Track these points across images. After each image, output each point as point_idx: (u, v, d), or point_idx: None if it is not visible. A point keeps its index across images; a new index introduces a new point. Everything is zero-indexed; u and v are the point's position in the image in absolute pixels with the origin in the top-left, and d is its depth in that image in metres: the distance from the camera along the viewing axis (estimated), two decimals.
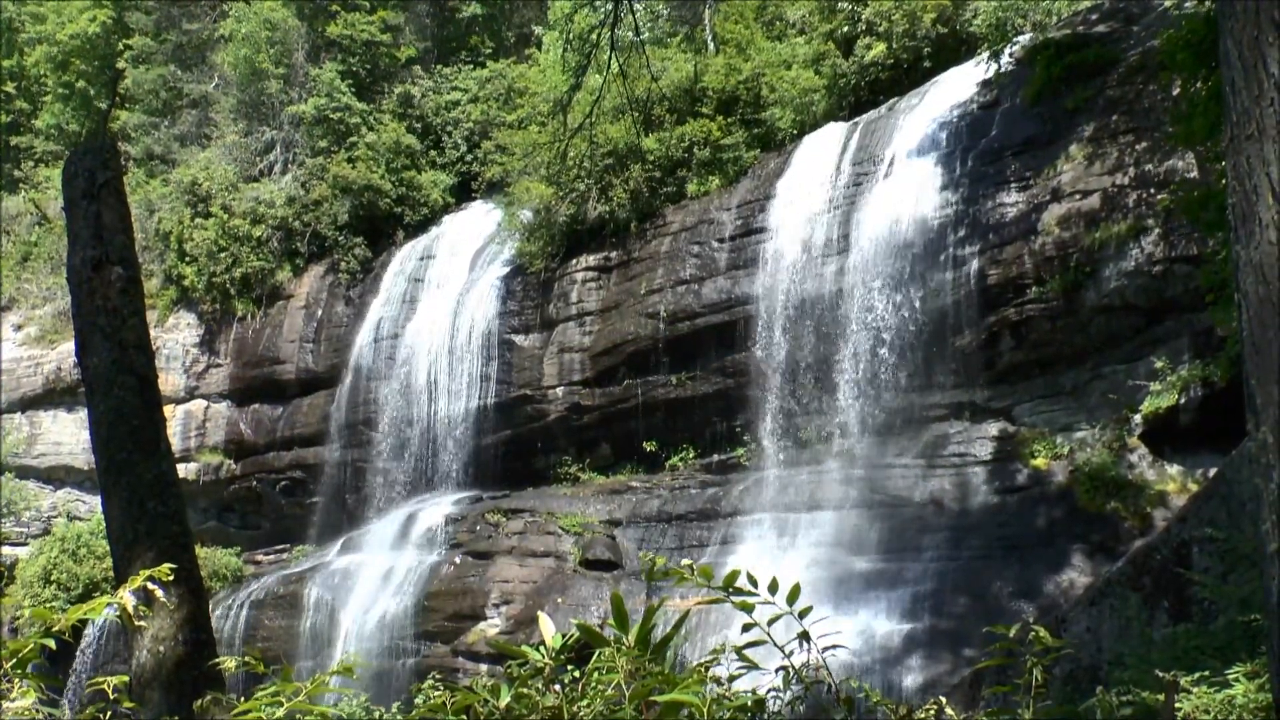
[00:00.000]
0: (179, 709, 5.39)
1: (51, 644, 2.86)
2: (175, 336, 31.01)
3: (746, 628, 3.16)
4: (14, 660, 2.83)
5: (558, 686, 3.02)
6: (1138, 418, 18.02)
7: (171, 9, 35.91)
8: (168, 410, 15.39)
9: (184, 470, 28.26)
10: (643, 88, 22.32)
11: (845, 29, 25.06)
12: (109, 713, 3.17)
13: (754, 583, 3.13)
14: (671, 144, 24.92)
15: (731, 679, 3.22)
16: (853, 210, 21.55)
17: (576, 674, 3.09)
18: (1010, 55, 21.03)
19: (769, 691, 3.30)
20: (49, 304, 33.28)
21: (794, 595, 3.15)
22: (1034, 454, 18.87)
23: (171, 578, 3.25)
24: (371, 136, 30.57)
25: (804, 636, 3.25)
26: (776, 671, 3.28)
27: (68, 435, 31.84)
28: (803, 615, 3.17)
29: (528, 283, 26.21)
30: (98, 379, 6.22)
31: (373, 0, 32.09)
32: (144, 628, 5.59)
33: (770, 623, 3.15)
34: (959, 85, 21.91)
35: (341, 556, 25.31)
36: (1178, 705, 5.71)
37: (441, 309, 27.47)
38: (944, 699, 3.38)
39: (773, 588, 3.14)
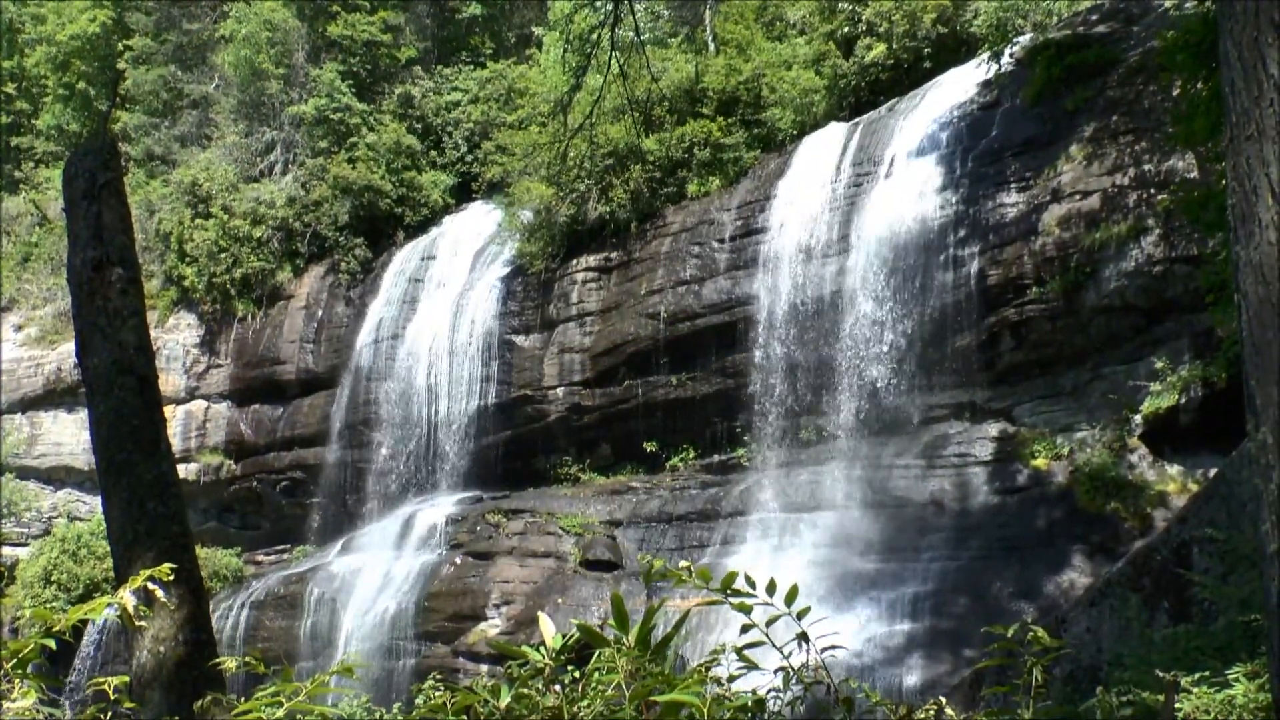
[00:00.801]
0: (179, 709, 5.38)
1: (52, 644, 2.86)
2: (175, 337, 31.01)
3: (745, 629, 3.16)
4: (14, 660, 2.83)
5: (558, 687, 3.02)
6: (1138, 418, 18.02)
7: (171, 9, 35.90)
8: (168, 410, 15.41)
9: (184, 470, 28.26)
10: (643, 88, 22.34)
11: (845, 29, 25.07)
12: (109, 713, 3.17)
13: (752, 584, 3.13)
14: (672, 144, 24.90)
15: (731, 679, 3.22)
16: (853, 211, 21.55)
17: (576, 674, 3.09)
18: (1010, 56, 21.03)
19: (769, 692, 3.29)
20: (49, 304, 33.30)
21: (792, 596, 3.15)
22: (1034, 454, 18.88)
23: (172, 578, 3.24)
24: (372, 137, 30.57)
25: (803, 637, 3.25)
26: (776, 672, 3.28)
27: (68, 435, 31.85)
28: (801, 616, 3.17)
29: (528, 283, 26.20)
30: (98, 379, 6.21)
31: (373, 1, 32.09)
32: (144, 628, 5.58)
33: (769, 623, 3.15)
34: (959, 86, 21.90)
35: (342, 557, 25.30)
36: (1178, 706, 5.71)
37: (442, 309, 27.47)
38: (944, 699, 3.38)
39: (771, 589, 3.14)
